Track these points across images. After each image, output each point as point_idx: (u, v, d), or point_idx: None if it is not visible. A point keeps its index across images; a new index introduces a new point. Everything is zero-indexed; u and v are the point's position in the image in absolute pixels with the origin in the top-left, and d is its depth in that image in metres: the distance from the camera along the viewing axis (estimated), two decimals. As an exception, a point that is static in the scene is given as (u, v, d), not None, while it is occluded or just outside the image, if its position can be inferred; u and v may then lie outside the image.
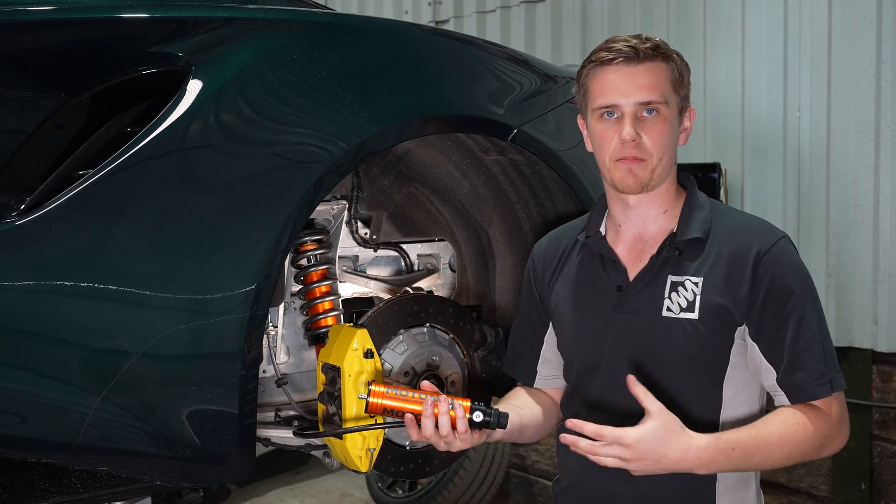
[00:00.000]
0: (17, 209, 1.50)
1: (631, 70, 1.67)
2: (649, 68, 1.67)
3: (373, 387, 1.65)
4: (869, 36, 3.22)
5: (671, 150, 1.71)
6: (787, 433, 1.62)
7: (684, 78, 1.73)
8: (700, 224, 1.71)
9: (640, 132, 1.66)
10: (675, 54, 1.72)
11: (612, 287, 1.76)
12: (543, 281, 1.90)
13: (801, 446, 1.62)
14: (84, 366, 1.48)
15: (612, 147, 1.68)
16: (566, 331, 1.84)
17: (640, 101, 1.66)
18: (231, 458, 1.61)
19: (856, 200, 3.31)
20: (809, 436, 1.62)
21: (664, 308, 1.69)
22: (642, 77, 1.66)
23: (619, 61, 1.67)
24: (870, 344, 3.32)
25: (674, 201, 1.76)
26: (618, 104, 1.67)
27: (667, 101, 1.68)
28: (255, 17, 1.67)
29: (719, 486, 1.70)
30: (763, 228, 1.71)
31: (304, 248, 1.99)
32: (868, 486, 3.38)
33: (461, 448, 1.65)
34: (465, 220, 2.22)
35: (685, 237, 1.70)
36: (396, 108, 1.77)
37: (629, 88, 1.66)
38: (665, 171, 1.70)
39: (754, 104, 3.60)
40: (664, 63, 1.69)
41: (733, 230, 1.70)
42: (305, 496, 4.97)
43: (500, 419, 1.65)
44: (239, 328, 1.57)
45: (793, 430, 1.62)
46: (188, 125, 1.54)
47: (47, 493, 1.56)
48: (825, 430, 1.64)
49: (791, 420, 1.63)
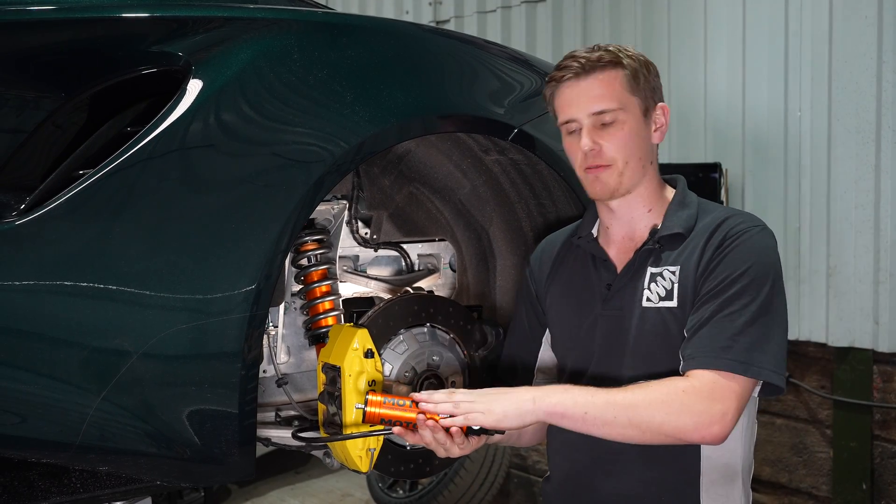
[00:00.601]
0: (17, 209, 1.49)
1: (582, 83, 1.73)
2: (599, 78, 1.73)
3: (369, 397, 1.66)
4: (870, 36, 3.22)
5: (639, 152, 1.75)
6: (641, 392, 1.60)
7: (641, 79, 1.75)
8: (683, 220, 1.75)
9: (600, 140, 1.72)
10: (627, 58, 1.75)
11: (601, 285, 1.81)
12: (540, 283, 1.95)
13: (645, 407, 1.58)
14: (84, 365, 1.48)
15: (579, 159, 1.76)
16: (560, 330, 1.88)
17: (594, 111, 1.72)
18: (231, 457, 1.61)
19: (857, 201, 3.30)
20: (658, 400, 1.58)
21: (644, 299, 1.73)
22: (593, 88, 1.73)
23: (569, 77, 1.74)
24: (871, 344, 3.32)
25: (658, 199, 1.80)
26: (575, 118, 1.75)
27: (623, 106, 1.72)
28: (255, 17, 1.67)
29: (703, 481, 1.72)
30: (744, 218, 1.74)
31: (305, 247, 1.99)
32: (869, 486, 3.38)
33: (460, 454, 1.68)
34: (466, 219, 2.21)
35: (666, 232, 1.75)
36: (397, 108, 1.77)
37: (582, 101, 1.73)
38: (636, 173, 1.75)
39: (755, 104, 3.60)
40: (614, 70, 1.73)
41: (715, 221, 1.73)
42: (306, 496, 4.97)
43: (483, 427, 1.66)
44: (239, 328, 1.57)
45: (645, 390, 1.60)
46: (188, 125, 1.54)
47: (47, 493, 1.55)
48: (683, 405, 1.58)
49: (651, 386, 1.61)
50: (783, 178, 3.52)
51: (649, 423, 1.58)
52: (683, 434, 1.59)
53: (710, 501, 1.72)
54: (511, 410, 1.62)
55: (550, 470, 1.92)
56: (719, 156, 3.72)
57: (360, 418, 1.67)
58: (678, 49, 3.87)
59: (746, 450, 1.77)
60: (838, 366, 3.44)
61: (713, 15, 3.75)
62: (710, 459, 1.71)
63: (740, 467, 1.75)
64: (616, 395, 1.61)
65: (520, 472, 4.61)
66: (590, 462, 1.78)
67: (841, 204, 3.35)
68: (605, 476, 1.75)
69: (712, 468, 1.71)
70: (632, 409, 1.58)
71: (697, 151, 3.80)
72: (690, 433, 1.59)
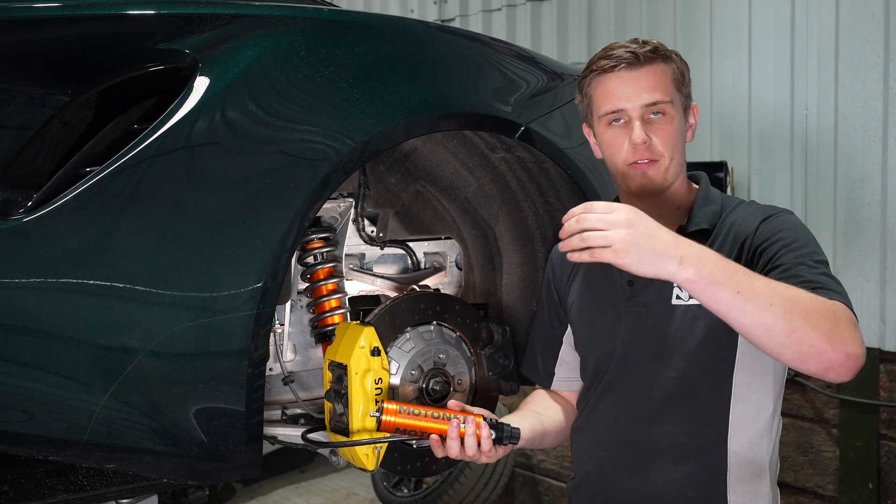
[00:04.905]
0: (24, 206, 1.49)
1: (633, 74, 1.69)
2: (651, 70, 1.69)
3: (385, 405, 1.65)
4: (876, 34, 3.21)
5: (681, 148, 1.74)
6: (794, 291, 1.45)
7: (685, 76, 1.75)
8: (709, 217, 1.74)
9: (650, 134, 1.69)
10: (674, 54, 1.74)
11: (623, 282, 1.78)
12: (562, 280, 1.93)
13: (805, 307, 1.42)
14: (91, 363, 1.47)
15: (624, 152, 1.71)
16: (582, 327, 1.87)
17: (646, 103, 1.68)
18: (237, 455, 1.61)
19: (863, 199, 3.30)
20: (817, 308, 1.43)
21: (673, 296, 1.71)
22: (645, 80, 1.69)
23: (620, 67, 1.70)
24: (877, 343, 3.32)
25: (685, 197, 1.79)
26: (624, 108, 1.70)
27: (671, 100, 1.71)
28: (261, 14, 1.66)
29: (730, 478, 1.69)
30: (769, 207, 1.74)
31: (311, 245, 1.98)
32: (875, 485, 3.37)
33: (487, 461, 1.67)
34: (472, 217, 2.21)
35: (694, 228, 1.73)
36: (403, 106, 1.76)
37: (634, 92, 1.69)
38: (678, 169, 1.74)
39: (761, 102, 3.59)
40: (664, 64, 1.71)
41: (740, 216, 1.72)
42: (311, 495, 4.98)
43: (513, 434, 1.66)
44: (246, 326, 1.57)
45: (802, 292, 1.45)
46: (195, 122, 1.54)
47: (54, 490, 1.56)
48: (834, 318, 1.44)
49: (808, 294, 1.45)
50: (789, 177, 3.52)
51: (803, 323, 1.41)
52: (821, 354, 1.42)
53: (738, 499, 1.69)
54: (647, 264, 1.45)
55: (574, 469, 1.91)
56: (725, 154, 3.71)
57: (374, 425, 1.66)
58: (684, 48, 3.86)
59: (773, 446, 1.74)
60: (845, 365, 3.43)
61: (719, 14, 3.75)
62: (737, 455, 1.69)
63: (767, 464, 1.72)
64: (777, 285, 1.45)
65: (525, 471, 4.61)
66: (615, 460, 1.76)
67: (847, 202, 3.34)
68: (630, 474, 1.73)
69: (739, 465, 1.69)
70: (791, 303, 1.42)
71: (703, 150, 3.79)
72: (830, 356, 1.42)
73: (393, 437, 1.68)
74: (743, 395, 1.69)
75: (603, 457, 1.78)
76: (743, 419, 1.69)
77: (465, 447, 1.62)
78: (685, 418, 1.69)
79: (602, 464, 1.79)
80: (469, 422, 1.63)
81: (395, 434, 1.66)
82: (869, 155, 3.27)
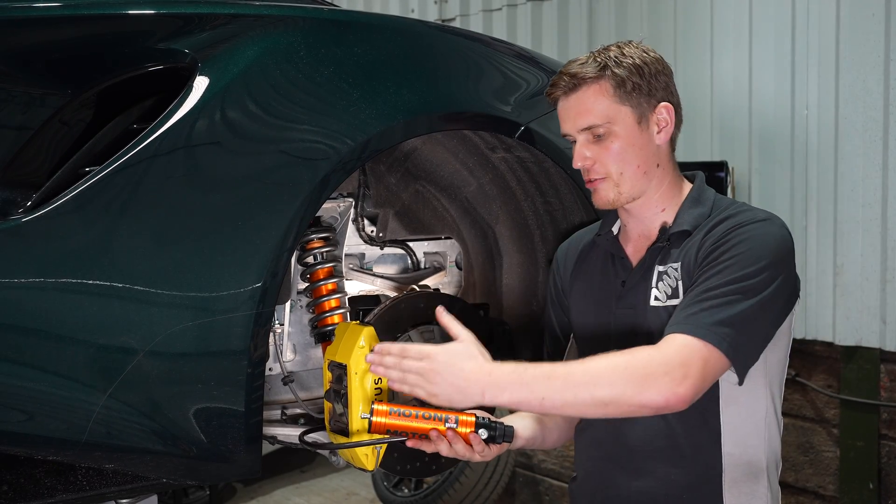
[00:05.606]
0: (24, 206, 1.50)
1: (570, 99, 1.73)
2: (585, 93, 1.71)
3: (375, 406, 1.65)
4: (877, 33, 3.21)
5: (636, 160, 1.71)
6: (601, 364, 1.54)
7: (630, 85, 1.69)
8: (693, 218, 1.74)
9: (593, 154, 1.72)
10: (615, 66, 1.69)
11: (617, 282, 1.80)
12: (565, 280, 1.94)
13: (609, 379, 1.51)
14: (90, 363, 1.47)
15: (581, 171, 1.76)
16: (581, 327, 1.88)
17: (582, 127, 1.72)
18: (237, 455, 1.61)
19: (864, 199, 3.29)
20: (621, 373, 1.51)
21: (651, 298, 1.73)
22: (579, 104, 1.72)
23: (558, 94, 1.74)
24: (878, 343, 3.31)
25: (673, 198, 1.78)
26: (568, 133, 1.75)
27: (610, 119, 1.69)
28: (261, 14, 1.67)
29: (726, 479, 1.70)
30: (756, 212, 1.72)
31: (311, 245, 1.98)
32: (876, 485, 3.37)
33: (481, 460, 1.68)
34: (472, 217, 2.21)
35: (675, 229, 1.74)
36: (403, 106, 1.76)
37: (570, 117, 1.74)
38: (638, 181, 1.73)
39: (762, 102, 3.59)
40: (597, 83, 1.70)
41: (724, 217, 1.71)
42: (311, 495, 4.97)
43: (506, 433, 1.66)
44: (245, 326, 1.57)
45: (608, 362, 1.54)
46: (194, 122, 1.54)
47: (53, 490, 1.55)
48: (648, 366, 1.52)
49: (615, 355, 1.55)
50: (790, 177, 3.51)
51: (610, 394, 1.51)
52: (645, 402, 1.52)
53: (734, 499, 1.70)
54: (457, 400, 1.57)
55: (576, 468, 1.92)
56: (726, 154, 3.71)
57: (367, 427, 1.66)
58: (684, 47, 3.86)
59: (770, 446, 1.74)
60: (845, 365, 3.43)
61: (719, 13, 3.74)
62: (732, 457, 1.70)
63: (764, 464, 1.73)
64: (576, 369, 1.55)
65: (525, 471, 4.60)
66: (612, 460, 1.78)
67: (848, 202, 3.34)
68: (627, 474, 1.74)
69: (734, 466, 1.70)
70: (593, 383, 1.51)
71: (704, 150, 3.79)
72: (648, 402, 1.52)
73: (391, 438, 1.68)
74: (733, 396, 1.69)
75: (601, 458, 1.79)
76: (734, 421, 1.70)
77: (455, 447, 1.63)
78: (680, 419, 1.69)
79: (600, 464, 1.81)
80: (461, 422, 1.63)
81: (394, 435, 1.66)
82: (869, 154, 3.26)
